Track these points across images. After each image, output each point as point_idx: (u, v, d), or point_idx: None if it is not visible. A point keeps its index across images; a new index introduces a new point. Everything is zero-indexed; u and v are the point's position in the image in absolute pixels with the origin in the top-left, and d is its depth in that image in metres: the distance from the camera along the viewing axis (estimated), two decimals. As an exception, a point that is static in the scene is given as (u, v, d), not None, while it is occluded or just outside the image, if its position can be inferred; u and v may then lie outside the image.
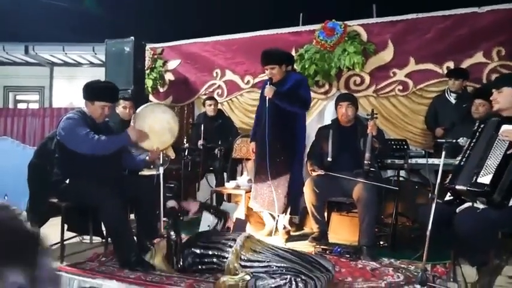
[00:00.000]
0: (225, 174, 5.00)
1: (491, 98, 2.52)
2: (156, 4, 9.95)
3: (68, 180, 2.97)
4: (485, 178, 2.28)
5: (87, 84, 3.06)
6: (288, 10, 5.83)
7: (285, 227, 3.67)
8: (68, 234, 3.32)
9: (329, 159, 3.58)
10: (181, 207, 3.32)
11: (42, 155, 3.23)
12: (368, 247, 3.17)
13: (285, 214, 3.59)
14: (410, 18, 4.71)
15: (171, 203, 2.91)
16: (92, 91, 3.02)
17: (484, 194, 2.28)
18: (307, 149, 3.92)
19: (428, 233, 2.29)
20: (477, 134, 2.52)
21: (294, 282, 2.18)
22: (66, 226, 3.17)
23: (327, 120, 4.84)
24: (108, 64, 5.35)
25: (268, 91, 3.50)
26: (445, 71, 4.47)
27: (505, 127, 2.30)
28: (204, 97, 5.56)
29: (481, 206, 2.29)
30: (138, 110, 3.22)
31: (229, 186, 4.25)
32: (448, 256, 2.87)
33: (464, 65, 4.43)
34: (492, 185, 2.24)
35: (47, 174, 3.08)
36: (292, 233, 3.82)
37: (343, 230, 3.76)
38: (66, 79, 9.88)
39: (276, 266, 2.39)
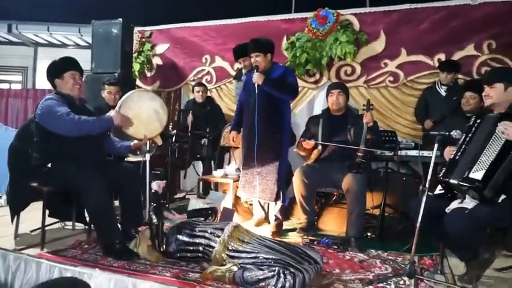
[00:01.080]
0: (212, 162, 4.94)
1: (483, 94, 2.49)
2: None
3: (49, 164, 2.86)
4: (477, 174, 2.26)
5: (48, 67, 3.06)
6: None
7: (276, 218, 3.58)
8: (49, 220, 3.23)
9: (319, 148, 3.54)
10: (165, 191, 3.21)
11: (23, 137, 3.11)
12: (356, 239, 3.16)
13: (276, 202, 3.53)
14: (404, 9, 4.66)
15: (155, 186, 2.81)
16: (55, 66, 3.03)
17: (474, 189, 2.26)
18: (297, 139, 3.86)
19: (417, 225, 2.26)
20: (473, 128, 2.49)
21: (282, 275, 2.14)
22: (47, 211, 3.08)
23: (317, 110, 4.79)
24: (95, 46, 5.21)
25: (258, 78, 3.42)
26: (436, 63, 4.46)
27: (503, 124, 2.25)
28: (193, 83, 5.46)
29: (471, 204, 2.28)
30: (125, 95, 3.10)
31: (217, 174, 4.17)
32: (436, 248, 2.87)
33: (455, 57, 4.42)
34: (484, 181, 2.22)
35: (28, 157, 2.96)
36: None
37: (331, 221, 3.74)
38: (50, 60, 9.54)
39: (264, 258, 2.34)
